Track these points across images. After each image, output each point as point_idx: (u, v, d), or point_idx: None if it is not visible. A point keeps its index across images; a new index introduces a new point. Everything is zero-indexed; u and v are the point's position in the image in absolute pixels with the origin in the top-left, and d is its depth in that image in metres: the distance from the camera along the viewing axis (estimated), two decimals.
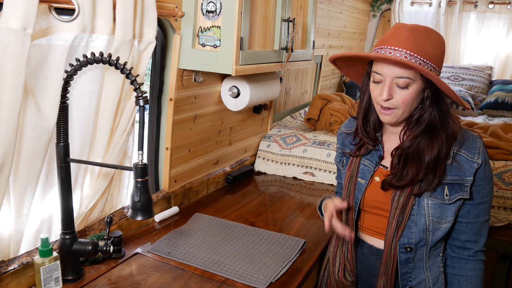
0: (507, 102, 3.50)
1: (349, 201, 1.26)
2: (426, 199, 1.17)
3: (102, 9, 1.22)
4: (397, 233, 1.18)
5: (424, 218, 1.17)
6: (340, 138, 1.39)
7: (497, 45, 4.04)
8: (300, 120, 2.92)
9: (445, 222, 1.18)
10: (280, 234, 1.64)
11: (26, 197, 1.21)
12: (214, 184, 2.11)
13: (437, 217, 1.17)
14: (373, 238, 1.27)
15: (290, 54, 1.91)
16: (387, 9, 4.43)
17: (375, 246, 1.26)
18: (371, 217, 1.27)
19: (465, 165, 1.16)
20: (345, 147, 1.35)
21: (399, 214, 1.17)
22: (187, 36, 1.62)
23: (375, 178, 1.25)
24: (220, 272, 1.37)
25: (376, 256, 1.26)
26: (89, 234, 1.44)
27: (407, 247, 1.19)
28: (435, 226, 1.17)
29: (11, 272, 1.18)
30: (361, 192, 1.26)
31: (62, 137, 1.22)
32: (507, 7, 3.95)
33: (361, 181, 1.26)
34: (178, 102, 1.72)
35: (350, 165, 1.29)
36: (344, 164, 1.35)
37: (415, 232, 1.18)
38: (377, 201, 1.23)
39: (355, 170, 1.27)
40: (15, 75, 1.03)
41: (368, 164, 1.27)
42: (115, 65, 1.15)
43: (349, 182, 1.28)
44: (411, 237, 1.19)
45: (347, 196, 1.27)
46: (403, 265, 1.21)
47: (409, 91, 1.10)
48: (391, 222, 1.18)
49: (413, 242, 1.19)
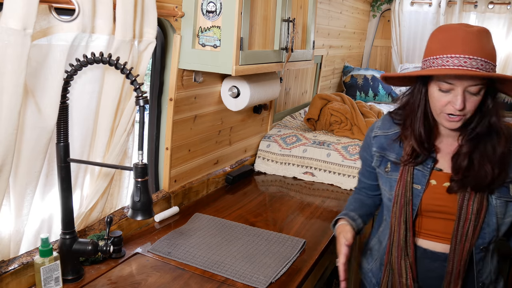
0: (507, 102, 3.50)
1: (408, 209, 1.23)
2: (495, 199, 1.18)
3: (102, 9, 1.22)
4: (473, 237, 1.18)
5: (495, 217, 1.18)
6: (377, 141, 1.33)
7: (497, 45, 4.02)
8: (300, 120, 2.92)
9: (508, 217, 1.20)
10: (280, 234, 1.64)
11: (26, 197, 1.21)
12: (214, 184, 2.11)
13: (503, 214, 1.19)
14: (429, 242, 1.26)
15: (290, 54, 1.91)
16: (387, 9, 4.43)
17: (430, 250, 1.25)
18: (429, 221, 1.25)
19: None
20: (387, 151, 1.30)
21: (475, 219, 1.17)
22: (187, 36, 1.62)
23: (431, 182, 1.23)
24: (220, 272, 1.37)
25: (431, 258, 1.25)
26: (89, 234, 1.44)
27: (482, 248, 1.20)
28: (501, 222, 1.20)
29: (11, 272, 1.18)
30: (418, 198, 1.23)
31: (62, 137, 1.22)
32: (507, 7, 3.95)
33: (416, 187, 1.24)
34: (178, 102, 1.72)
35: (402, 173, 1.25)
36: (389, 169, 1.30)
37: (488, 232, 1.19)
38: (438, 204, 1.22)
39: (410, 177, 1.24)
40: (15, 75, 1.03)
41: (421, 169, 1.23)
42: (115, 65, 1.15)
43: (405, 190, 1.24)
44: (485, 237, 1.19)
45: (405, 204, 1.24)
46: (478, 263, 1.22)
47: (479, 97, 1.09)
48: (463, 228, 1.17)
49: (487, 241, 1.20)
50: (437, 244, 1.24)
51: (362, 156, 1.43)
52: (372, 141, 1.35)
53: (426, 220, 1.25)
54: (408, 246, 1.24)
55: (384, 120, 1.35)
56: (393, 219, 1.26)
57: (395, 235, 1.26)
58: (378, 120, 1.39)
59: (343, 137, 2.45)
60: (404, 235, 1.24)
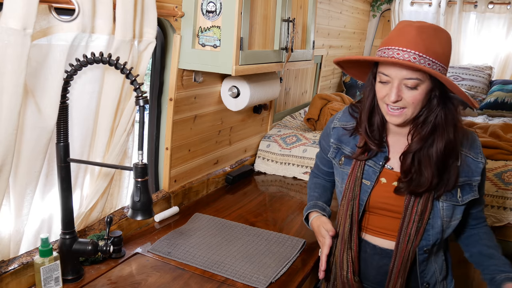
0: (507, 102, 3.50)
1: (354, 204, 1.25)
2: (441, 202, 1.18)
3: (102, 9, 1.22)
4: (416, 238, 1.18)
5: (440, 220, 1.18)
6: (336, 132, 1.33)
7: (497, 45, 4.04)
8: (300, 120, 2.92)
9: (455, 220, 1.21)
10: (280, 234, 1.64)
11: (26, 197, 1.21)
12: (214, 184, 2.11)
13: (449, 217, 1.19)
14: (377, 238, 1.27)
15: (290, 54, 1.91)
16: (387, 9, 4.43)
17: (379, 246, 1.26)
18: (377, 218, 1.26)
19: (472, 165, 1.17)
20: (343, 143, 1.31)
21: (418, 220, 1.17)
22: (187, 36, 1.62)
23: (381, 180, 1.24)
24: (220, 272, 1.37)
25: (381, 255, 1.26)
26: (89, 234, 1.44)
27: (426, 250, 1.21)
28: (447, 225, 1.20)
29: (11, 272, 1.18)
30: (366, 193, 1.24)
31: (62, 137, 1.22)
32: (507, 7, 3.95)
33: (366, 183, 1.25)
34: (178, 102, 1.72)
35: (353, 167, 1.26)
36: (342, 162, 1.31)
37: (432, 234, 1.20)
38: (386, 202, 1.23)
39: (360, 172, 1.25)
40: (15, 75, 1.03)
41: (372, 165, 1.25)
42: (115, 65, 1.15)
43: (354, 185, 1.25)
44: (429, 239, 1.20)
45: (352, 198, 1.25)
46: (421, 264, 1.23)
47: (418, 92, 1.08)
48: (407, 227, 1.18)
49: (430, 243, 1.21)
50: (385, 241, 1.26)
51: (321, 144, 1.44)
52: (331, 131, 1.35)
53: (374, 217, 1.26)
54: (352, 240, 1.25)
55: (345, 112, 1.35)
56: (340, 212, 1.29)
57: (341, 228, 1.27)
58: (340, 111, 1.38)
59: None
60: (349, 229, 1.25)
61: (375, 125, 1.21)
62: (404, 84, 1.08)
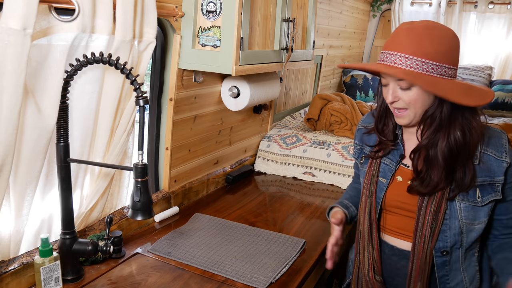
0: (507, 102, 3.50)
1: (371, 201, 1.25)
2: (458, 202, 1.14)
3: (102, 9, 1.22)
4: (432, 239, 1.15)
5: (458, 221, 1.14)
6: (359, 133, 1.37)
7: (497, 45, 4.04)
8: (300, 120, 2.92)
9: (479, 223, 1.15)
10: (280, 234, 1.64)
11: (26, 197, 1.21)
12: (214, 184, 2.11)
13: (470, 219, 1.14)
14: (395, 239, 1.25)
15: (290, 54, 1.91)
16: (387, 9, 4.43)
17: (397, 247, 1.25)
18: (394, 218, 1.25)
19: (494, 164, 1.12)
20: (364, 143, 1.34)
21: (432, 221, 1.14)
22: (187, 36, 1.62)
23: (397, 178, 1.23)
24: (220, 272, 1.37)
25: (399, 256, 1.24)
26: (89, 234, 1.44)
27: (443, 251, 1.17)
28: (469, 228, 1.15)
29: (11, 272, 1.18)
30: (382, 191, 1.24)
31: (62, 137, 1.22)
32: (507, 7, 3.95)
33: (382, 180, 1.25)
34: (178, 102, 1.72)
35: (370, 166, 1.27)
36: (363, 161, 1.33)
37: (450, 235, 1.16)
38: (401, 201, 1.21)
39: (376, 170, 1.26)
40: (15, 75, 1.03)
41: (389, 163, 1.25)
42: (115, 65, 1.15)
43: (371, 182, 1.26)
44: (446, 240, 1.16)
45: (369, 196, 1.26)
46: (440, 268, 1.19)
47: (413, 92, 1.08)
48: (422, 228, 1.15)
49: (448, 245, 1.16)
50: (403, 241, 1.24)
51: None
52: (356, 133, 1.40)
53: (391, 216, 1.26)
54: (372, 238, 1.25)
55: (368, 114, 1.39)
56: (360, 210, 1.29)
57: (361, 226, 1.28)
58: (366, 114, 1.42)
59: (343, 137, 2.45)
60: (368, 227, 1.25)
61: (389, 124, 1.24)
62: (399, 85, 1.10)
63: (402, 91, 1.10)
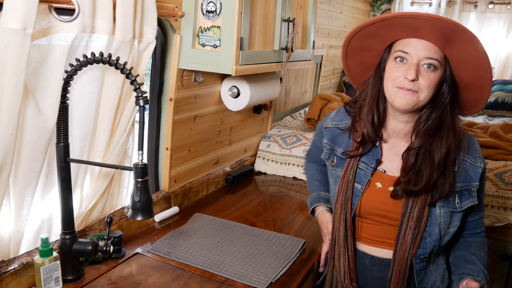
0: (507, 102, 3.50)
1: (347, 208, 1.21)
2: (439, 209, 1.13)
3: (102, 9, 1.22)
4: (413, 246, 1.14)
5: (438, 227, 1.14)
6: (329, 133, 1.30)
7: (497, 45, 4.03)
8: (300, 120, 2.92)
9: (453, 227, 1.16)
10: (280, 234, 1.64)
11: (26, 197, 1.21)
12: (214, 184, 2.11)
13: (447, 224, 1.15)
14: (374, 248, 1.22)
15: (290, 54, 1.91)
16: (387, 9, 4.43)
17: (378, 257, 1.22)
18: (372, 226, 1.21)
19: (470, 170, 1.13)
20: (336, 144, 1.27)
21: (415, 227, 1.13)
22: (187, 36, 1.62)
23: (377, 184, 1.19)
24: (220, 272, 1.37)
25: (380, 266, 1.22)
26: (89, 234, 1.44)
27: (422, 258, 1.17)
28: (445, 232, 1.16)
29: (11, 272, 1.18)
30: (357, 197, 1.20)
31: (62, 137, 1.22)
32: (507, 7, 3.95)
33: (357, 186, 1.20)
34: (178, 102, 1.72)
35: (346, 169, 1.21)
36: (335, 164, 1.27)
37: (429, 242, 1.15)
38: (381, 208, 1.18)
39: (352, 175, 1.20)
40: (15, 75, 1.03)
41: (364, 168, 1.21)
42: (115, 65, 1.15)
43: (347, 187, 1.20)
44: (426, 247, 1.15)
45: (344, 202, 1.20)
46: (418, 274, 1.18)
47: (435, 75, 1.05)
48: (404, 235, 1.14)
49: (427, 251, 1.16)
50: (382, 250, 1.21)
51: (315, 138, 1.43)
52: (323, 131, 1.32)
53: (369, 225, 1.22)
54: (347, 245, 1.21)
55: (338, 111, 1.32)
56: (335, 215, 1.24)
57: (336, 233, 1.24)
58: (333, 111, 1.35)
59: None
60: (344, 233, 1.21)
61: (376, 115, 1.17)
62: (422, 65, 1.04)
63: (424, 72, 1.04)
